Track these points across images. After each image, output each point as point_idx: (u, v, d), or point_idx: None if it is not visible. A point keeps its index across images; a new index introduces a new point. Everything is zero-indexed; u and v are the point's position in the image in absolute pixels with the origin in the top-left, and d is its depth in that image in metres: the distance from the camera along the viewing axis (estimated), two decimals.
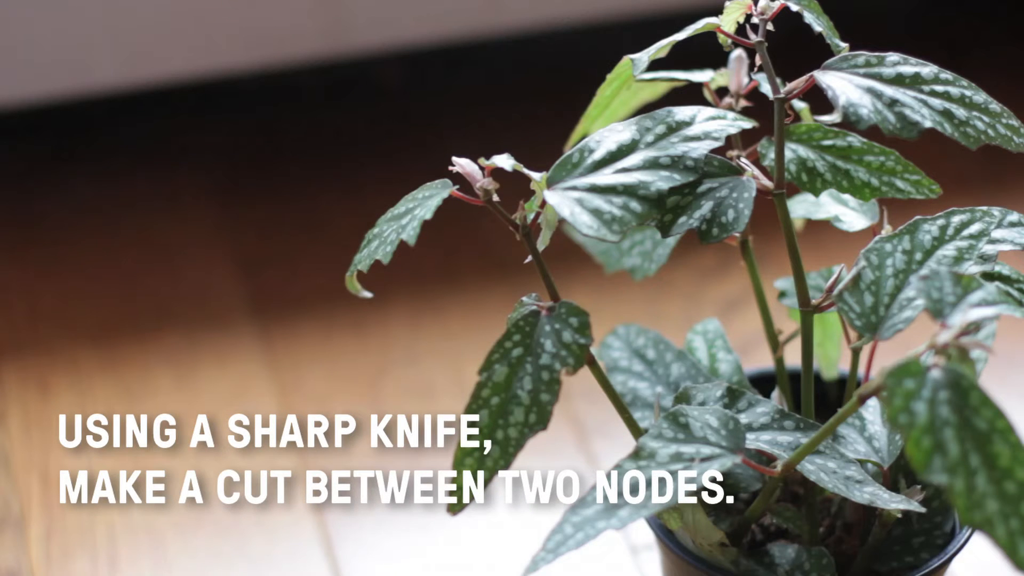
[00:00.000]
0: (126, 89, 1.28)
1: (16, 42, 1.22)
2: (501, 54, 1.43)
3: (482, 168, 0.67)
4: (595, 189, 0.64)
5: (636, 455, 0.63)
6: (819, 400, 0.79)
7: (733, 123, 0.66)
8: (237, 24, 1.27)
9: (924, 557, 0.71)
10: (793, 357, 0.76)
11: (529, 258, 0.68)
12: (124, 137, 1.33)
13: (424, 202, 0.66)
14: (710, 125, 0.66)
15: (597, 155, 0.65)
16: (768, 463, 0.67)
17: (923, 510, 0.67)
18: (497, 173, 0.67)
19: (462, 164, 0.67)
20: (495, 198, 0.66)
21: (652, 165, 0.64)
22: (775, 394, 0.75)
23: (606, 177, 0.64)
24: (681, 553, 0.70)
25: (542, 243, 0.67)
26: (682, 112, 0.66)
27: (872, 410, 0.71)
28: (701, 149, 0.65)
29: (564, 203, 0.63)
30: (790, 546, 0.69)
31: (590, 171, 0.64)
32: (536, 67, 1.46)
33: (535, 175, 0.64)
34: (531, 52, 1.45)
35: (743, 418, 0.67)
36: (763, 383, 0.79)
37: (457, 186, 0.67)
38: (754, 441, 0.66)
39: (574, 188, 0.64)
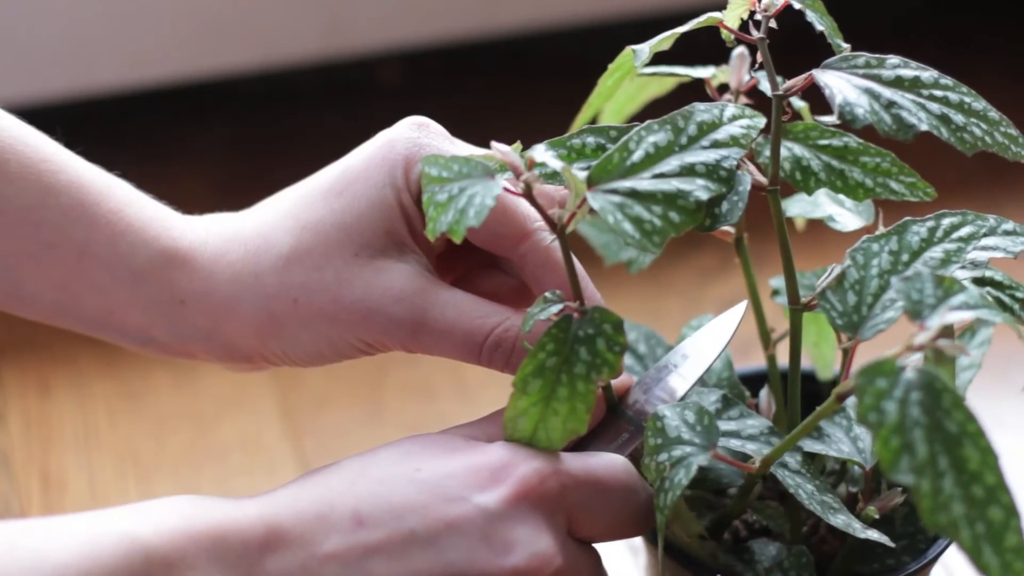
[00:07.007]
0: (126, 89, 1.28)
1: (16, 42, 1.22)
2: (501, 54, 1.44)
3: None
4: (635, 195, 0.62)
5: None
6: (814, 400, 0.79)
7: (753, 122, 0.66)
8: (237, 24, 1.27)
9: (905, 560, 0.71)
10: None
11: None
12: (124, 137, 1.33)
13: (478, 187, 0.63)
14: (736, 128, 0.65)
15: (636, 156, 0.64)
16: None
17: (892, 545, 0.68)
18: None
19: (505, 152, 0.63)
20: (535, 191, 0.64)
21: (688, 172, 0.64)
22: (764, 392, 0.75)
23: (645, 182, 0.63)
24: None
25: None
26: (708, 112, 0.66)
27: None
28: (732, 158, 0.64)
29: (608, 208, 0.62)
30: (772, 544, 0.69)
31: (629, 173, 0.63)
32: (536, 67, 1.46)
33: (579, 174, 0.63)
34: (531, 52, 1.45)
35: (732, 426, 0.68)
36: (759, 381, 0.79)
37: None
38: (741, 447, 0.67)
39: (615, 192, 0.63)
